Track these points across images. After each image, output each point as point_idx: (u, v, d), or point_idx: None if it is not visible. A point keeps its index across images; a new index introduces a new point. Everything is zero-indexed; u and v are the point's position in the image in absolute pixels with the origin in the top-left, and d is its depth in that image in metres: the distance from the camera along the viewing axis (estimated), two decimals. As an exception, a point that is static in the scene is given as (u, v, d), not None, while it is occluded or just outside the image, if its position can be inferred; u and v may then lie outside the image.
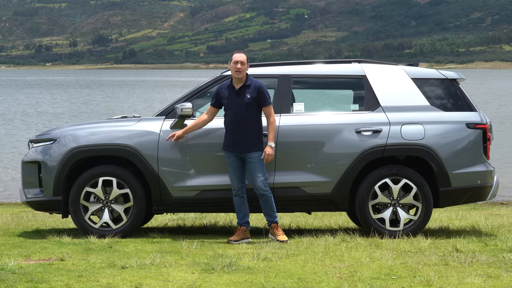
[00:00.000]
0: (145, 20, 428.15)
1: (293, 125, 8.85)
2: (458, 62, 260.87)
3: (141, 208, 8.82)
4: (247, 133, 8.51)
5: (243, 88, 8.56)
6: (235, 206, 8.64)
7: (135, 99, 65.94)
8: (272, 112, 8.52)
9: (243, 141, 8.50)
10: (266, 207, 8.62)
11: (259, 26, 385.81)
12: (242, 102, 8.50)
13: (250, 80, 8.60)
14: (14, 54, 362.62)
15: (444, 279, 6.62)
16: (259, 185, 8.51)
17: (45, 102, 61.93)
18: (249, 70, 9.22)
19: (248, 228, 8.67)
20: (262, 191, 8.52)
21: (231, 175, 8.58)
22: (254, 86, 8.53)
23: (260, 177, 8.50)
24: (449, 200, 8.99)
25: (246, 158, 8.54)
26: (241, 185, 8.58)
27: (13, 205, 16.09)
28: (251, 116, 8.51)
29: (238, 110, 8.51)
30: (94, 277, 6.72)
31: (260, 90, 8.50)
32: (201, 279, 6.67)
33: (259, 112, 8.56)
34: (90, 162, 9.00)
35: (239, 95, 8.55)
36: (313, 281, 6.58)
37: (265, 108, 8.52)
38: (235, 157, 8.57)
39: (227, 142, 8.60)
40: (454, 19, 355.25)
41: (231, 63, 8.57)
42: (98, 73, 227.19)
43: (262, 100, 8.50)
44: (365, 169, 8.87)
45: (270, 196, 8.58)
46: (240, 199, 8.62)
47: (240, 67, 8.53)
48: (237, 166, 8.57)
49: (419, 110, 9.00)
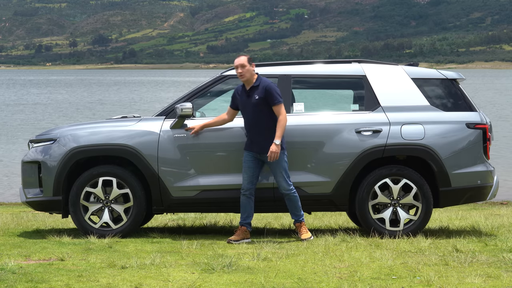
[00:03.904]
0: (145, 20, 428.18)
1: (293, 125, 8.84)
2: (458, 62, 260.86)
3: (141, 208, 8.82)
4: (261, 134, 8.50)
5: (253, 89, 8.56)
6: (240, 205, 8.62)
7: (159, 96, 66.55)
8: (281, 111, 8.46)
9: (258, 141, 8.50)
10: (290, 206, 8.63)
11: (259, 26, 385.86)
12: (252, 103, 8.50)
13: (259, 80, 8.59)
14: (14, 54, 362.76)
15: (444, 279, 6.62)
16: (282, 184, 8.52)
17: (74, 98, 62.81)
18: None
19: (248, 229, 8.67)
20: (285, 190, 8.53)
21: (243, 174, 8.56)
22: (262, 86, 8.51)
23: (283, 176, 8.49)
24: (449, 200, 8.99)
25: (265, 159, 8.53)
26: (250, 186, 8.56)
27: (13, 205, 16.09)
28: (262, 117, 8.49)
29: (250, 111, 8.52)
30: (94, 277, 6.72)
31: (268, 89, 8.48)
32: (201, 279, 6.67)
33: (271, 112, 8.53)
34: (90, 162, 9.00)
35: (249, 96, 8.55)
36: (313, 281, 6.58)
37: (275, 107, 8.48)
38: (252, 157, 8.55)
39: (247, 142, 8.61)
40: (454, 19, 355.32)
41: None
42: (100, 73, 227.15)
43: (270, 99, 8.47)
44: (365, 169, 8.87)
45: (295, 196, 8.58)
46: (247, 199, 8.60)
47: (241, 71, 8.53)
48: (251, 166, 8.55)
49: (419, 110, 8.99)
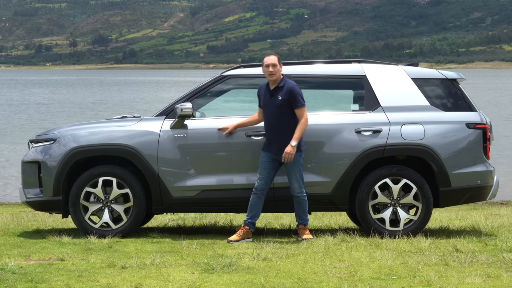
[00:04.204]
0: (145, 20, 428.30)
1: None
2: (458, 62, 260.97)
3: (141, 208, 8.82)
4: (281, 135, 8.48)
5: (277, 90, 8.54)
6: (250, 204, 8.59)
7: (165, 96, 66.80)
8: (303, 114, 8.44)
9: (278, 142, 8.49)
10: (298, 209, 8.64)
11: (259, 26, 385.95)
12: (275, 104, 8.48)
13: (284, 81, 8.56)
14: (14, 54, 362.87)
15: (444, 279, 6.62)
16: (294, 186, 8.52)
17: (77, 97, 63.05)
18: (250, 70, 9.24)
19: (251, 230, 8.66)
20: (296, 192, 8.53)
21: (259, 174, 8.53)
22: (287, 88, 8.49)
23: (296, 178, 8.50)
24: (449, 200, 8.99)
25: (281, 159, 8.51)
26: (264, 187, 8.54)
27: (13, 205, 16.09)
28: (284, 118, 8.48)
29: (271, 112, 8.50)
30: (94, 277, 6.71)
31: (292, 92, 8.45)
32: (201, 279, 6.66)
33: (294, 114, 8.51)
34: (90, 162, 9.00)
35: (272, 96, 8.53)
36: (313, 281, 6.58)
37: (297, 110, 8.46)
38: (269, 158, 8.54)
39: (265, 143, 8.60)
40: (454, 19, 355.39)
41: (263, 67, 8.57)
42: (100, 73, 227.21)
43: (293, 102, 8.45)
44: (365, 169, 8.87)
45: (304, 199, 8.59)
46: (258, 199, 8.57)
47: (272, 69, 8.50)
48: (268, 167, 8.53)
49: (419, 110, 8.99)
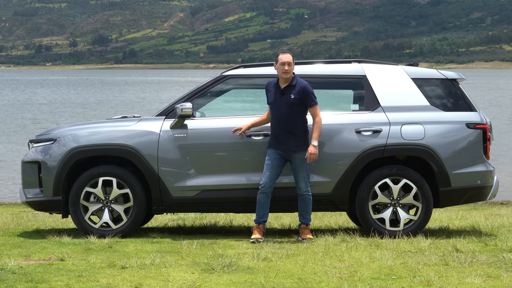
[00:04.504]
0: (145, 20, 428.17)
1: (293, 125, 8.82)
2: (458, 62, 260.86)
3: (141, 208, 8.82)
4: (290, 132, 8.48)
5: (288, 88, 8.53)
6: (258, 203, 8.56)
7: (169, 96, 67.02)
8: (318, 112, 8.49)
9: (287, 141, 8.48)
10: (302, 207, 8.62)
11: (259, 26, 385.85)
12: (286, 102, 8.48)
13: (296, 80, 8.56)
14: (14, 54, 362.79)
15: (444, 279, 6.62)
16: (300, 185, 8.52)
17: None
18: (250, 70, 9.23)
19: (264, 228, 8.67)
20: (303, 192, 8.53)
21: (265, 171, 8.51)
22: (300, 87, 8.49)
23: (303, 177, 8.50)
24: (449, 200, 8.98)
25: (291, 158, 8.52)
26: (271, 184, 8.52)
27: (13, 205, 16.09)
28: (295, 116, 8.49)
29: (282, 110, 8.49)
30: (94, 277, 6.71)
31: (305, 91, 8.47)
32: (201, 279, 6.66)
33: (304, 113, 8.52)
34: (90, 162, 9.00)
35: (283, 94, 8.53)
36: (313, 281, 6.58)
37: (311, 108, 8.49)
38: (277, 155, 8.52)
39: (271, 140, 8.58)
40: (454, 19, 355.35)
41: (278, 64, 8.54)
42: (100, 73, 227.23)
43: (307, 101, 8.47)
44: (365, 169, 8.86)
45: (309, 198, 8.58)
46: (266, 197, 8.55)
47: (287, 68, 8.49)
48: (275, 164, 8.52)
49: (419, 110, 8.99)
